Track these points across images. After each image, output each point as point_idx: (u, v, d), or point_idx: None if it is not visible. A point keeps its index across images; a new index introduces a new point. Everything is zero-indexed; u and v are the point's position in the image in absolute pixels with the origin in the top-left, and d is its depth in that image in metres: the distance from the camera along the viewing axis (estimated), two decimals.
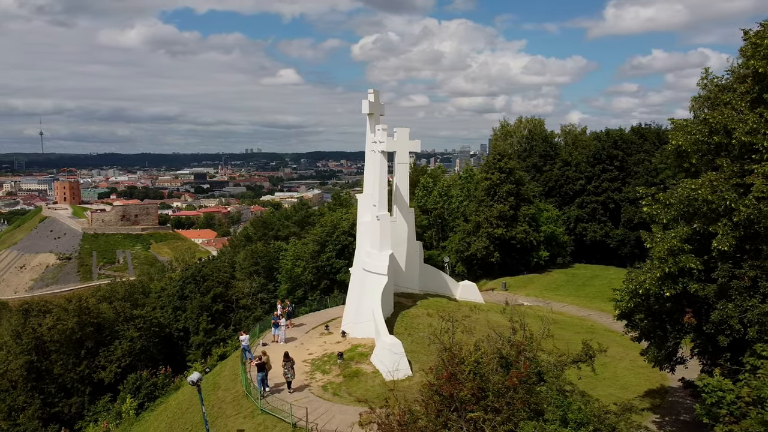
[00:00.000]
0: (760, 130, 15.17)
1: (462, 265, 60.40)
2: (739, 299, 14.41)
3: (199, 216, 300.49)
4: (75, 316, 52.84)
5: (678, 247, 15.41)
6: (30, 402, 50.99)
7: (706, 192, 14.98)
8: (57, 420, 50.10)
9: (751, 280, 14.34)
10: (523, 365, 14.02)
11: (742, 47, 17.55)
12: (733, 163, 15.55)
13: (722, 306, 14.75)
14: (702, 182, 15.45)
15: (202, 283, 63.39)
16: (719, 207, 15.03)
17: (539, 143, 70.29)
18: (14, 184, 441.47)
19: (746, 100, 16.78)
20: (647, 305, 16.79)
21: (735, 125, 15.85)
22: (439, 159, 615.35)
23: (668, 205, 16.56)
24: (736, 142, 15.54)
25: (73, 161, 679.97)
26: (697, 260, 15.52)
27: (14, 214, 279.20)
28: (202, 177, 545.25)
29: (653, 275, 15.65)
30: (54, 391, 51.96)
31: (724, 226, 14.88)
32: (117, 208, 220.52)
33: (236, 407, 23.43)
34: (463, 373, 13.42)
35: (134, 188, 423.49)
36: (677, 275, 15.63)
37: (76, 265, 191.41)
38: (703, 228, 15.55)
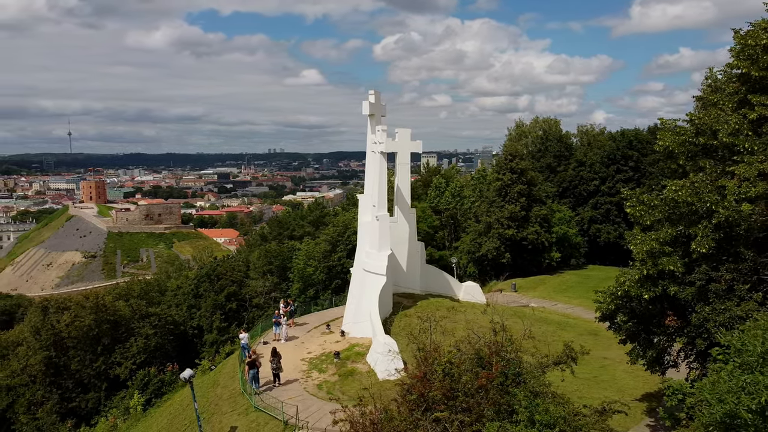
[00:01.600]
0: (743, 131, 15.01)
1: (473, 266, 60.28)
2: (717, 302, 14.29)
3: (221, 215, 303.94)
4: (92, 313, 53.99)
5: (657, 249, 15.32)
6: (48, 396, 52.24)
7: (686, 194, 14.88)
8: (74, 414, 51.21)
9: (728, 283, 14.21)
10: (495, 366, 14.08)
11: (731, 47, 17.37)
12: (717, 165, 15.41)
13: (700, 309, 14.64)
14: (683, 184, 15.34)
15: (216, 281, 64.28)
16: (701, 209, 14.92)
17: (554, 143, 69.79)
18: (43, 183, 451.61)
19: (734, 100, 16.60)
20: (630, 307, 16.71)
21: (719, 126, 15.71)
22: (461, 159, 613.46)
23: (653, 206, 16.46)
24: (718, 144, 15.41)
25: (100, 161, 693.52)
26: (679, 262, 15.41)
27: (42, 212, 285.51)
28: (226, 177, 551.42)
29: (632, 277, 15.59)
30: (71, 386, 53.15)
31: (704, 228, 14.76)
32: (141, 208, 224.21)
33: (232, 404, 23.90)
34: (435, 373, 13.56)
35: (159, 188, 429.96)
36: (657, 277, 15.54)
37: (100, 263, 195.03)
38: (685, 230, 15.44)
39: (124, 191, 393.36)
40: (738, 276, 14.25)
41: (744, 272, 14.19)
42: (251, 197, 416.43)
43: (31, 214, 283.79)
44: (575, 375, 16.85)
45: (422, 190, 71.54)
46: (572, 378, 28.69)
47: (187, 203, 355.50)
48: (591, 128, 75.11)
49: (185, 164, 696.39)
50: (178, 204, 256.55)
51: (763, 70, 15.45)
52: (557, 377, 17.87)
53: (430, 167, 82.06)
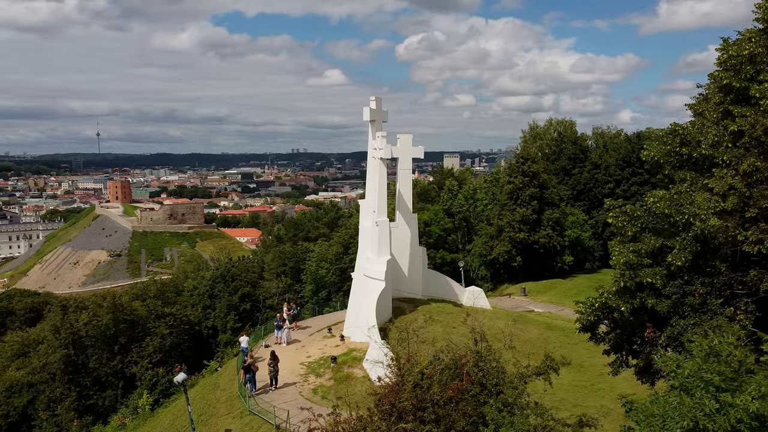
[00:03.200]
0: (723, 143, 14.88)
1: (485, 269, 60.19)
2: (692, 316, 14.20)
3: (244, 215, 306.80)
4: (109, 313, 55.10)
5: (635, 261, 15.28)
6: (67, 394, 53.45)
7: (664, 205, 14.80)
8: (92, 412, 52.34)
9: (702, 298, 14.11)
10: (465, 377, 14.21)
11: (719, 56, 17.19)
12: (698, 177, 15.30)
13: (675, 322, 14.57)
14: (663, 195, 15.27)
15: (231, 282, 65.13)
16: (680, 221, 14.83)
17: (569, 146, 69.17)
18: (72, 183, 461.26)
19: (719, 111, 16.46)
20: (612, 318, 16.68)
21: (701, 137, 15.60)
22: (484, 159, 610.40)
23: (635, 217, 16.40)
24: (698, 155, 15.30)
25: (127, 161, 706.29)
26: (659, 275, 15.33)
27: (71, 212, 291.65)
28: (249, 177, 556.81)
29: (610, 289, 15.56)
30: (89, 384, 54.28)
31: (682, 241, 14.67)
32: (165, 207, 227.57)
33: (228, 407, 24.37)
34: (407, 383, 13.73)
35: (184, 187, 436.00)
36: (635, 290, 15.49)
37: (125, 262, 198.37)
38: (665, 242, 15.37)
39: (149, 191, 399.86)
40: (712, 290, 14.14)
41: (718, 286, 14.08)
42: (274, 197, 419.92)
43: (59, 213, 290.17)
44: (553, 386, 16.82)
45: (435, 193, 71.55)
46: (569, 386, 28.70)
47: (211, 203, 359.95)
48: (607, 130, 74.27)
49: (210, 164, 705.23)
50: (201, 204, 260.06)
51: (745, 81, 15.30)
52: (555, 386, 17.83)
53: (444, 170, 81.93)
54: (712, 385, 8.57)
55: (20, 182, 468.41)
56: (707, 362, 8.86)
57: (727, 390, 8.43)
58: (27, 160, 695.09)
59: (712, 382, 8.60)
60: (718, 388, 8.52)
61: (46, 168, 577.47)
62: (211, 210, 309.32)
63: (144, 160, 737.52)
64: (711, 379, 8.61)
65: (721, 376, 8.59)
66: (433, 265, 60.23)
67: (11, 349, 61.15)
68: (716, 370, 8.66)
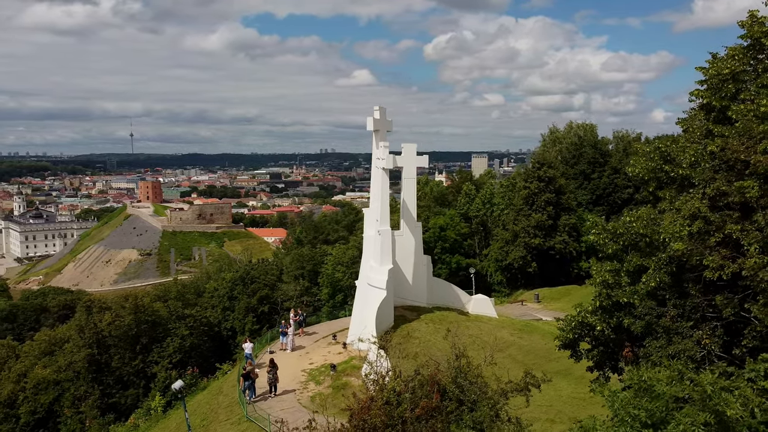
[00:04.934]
0: (701, 163, 14.82)
1: (501, 274, 60.06)
2: (665, 338, 14.20)
3: (272, 215, 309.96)
4: (131, 313, 56.55)
5: (612, 280, 15.32)
6: (91, 392, 55.01)
7: (640, 225, 14.82)
8: (114, 410, 53.81)
9: (673, 320, 14.08)
10: (435, 396, 14.47)
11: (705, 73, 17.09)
12: (677, 196, 15.27)
13: (648, 343, 14.58)
14: (640, 214, 15.28)
15: (249, 284, 66.14)
16: (657, 241, 14.82)
17: (588, 150, 68.52)
18: (106, 182, 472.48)
19: (702, 129, 16.39)
20: (593, 335, 16.72)
21: (682, 156, 15.56)
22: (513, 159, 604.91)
23: (617, 234, 16.40)
24: (675, 174, 15.28)
25: (159, 161, 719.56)
26: (639, 293, 15.33)
27: (104, 211, 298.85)
28: (278, 177, 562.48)
29: (586, 308, 15.63)
30: (112, 383, 55.73)
31: (658, 261, 14.67)
32: (194, 207, 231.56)
33: (228, 413, 25.03)
34: (378, 399, 14.05)
35: (213, 187, 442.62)
36: (612, 309, 15.53)
37: (155, 261, 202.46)
38: (642, 262, 15.38)
39: (180, 190, 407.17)
40: (683, 312, 14.11)
41: (688, 309, 14.04)
42: (302, 197, 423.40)
43: (93, 213, 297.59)
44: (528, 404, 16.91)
45: (453, 197, 71.57)
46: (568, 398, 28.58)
47: (240, 203, 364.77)
48: (626, 134, 73.28)
49: (239, 164, 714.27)
50: (229, 204, 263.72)
51: (726, 100, 15.21)
52: (553, 398, 17.91)
53: (463, 172, 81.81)
54: (639, 421, 8.68)
55: (56, 182, 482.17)
56: (638, 396, 8.97)
57: (652, 426, 8.53)
58: (63, 160, 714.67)
59: (639, 417, 8.71)
60: (644, 424, 8.63)
61: (81, 168, 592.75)
62: (239, 210, 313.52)
63: (175, 160, 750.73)
64: (638, 415, 8.73)
65: (648, 412, 8.69)
66: (449, 269, 60.37)
67: (39, 348, 63.17)
68: (644, 407, 8.76)
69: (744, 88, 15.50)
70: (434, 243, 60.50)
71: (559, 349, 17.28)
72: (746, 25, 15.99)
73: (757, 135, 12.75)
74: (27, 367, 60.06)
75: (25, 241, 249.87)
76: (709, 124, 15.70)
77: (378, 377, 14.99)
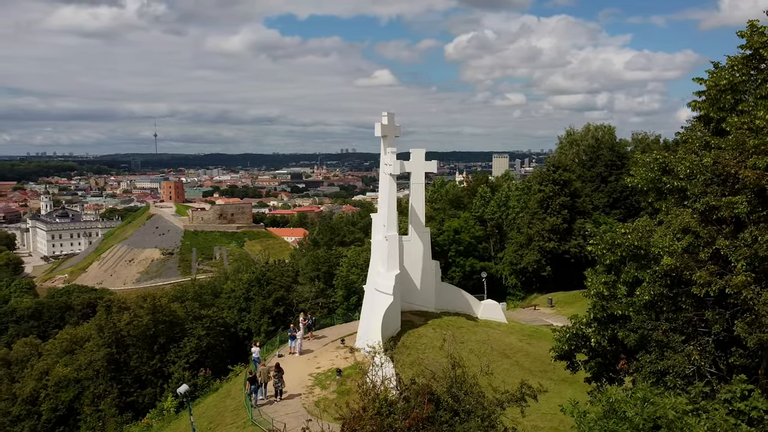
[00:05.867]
0: (696, 175, 14.70)
1: (515, 278, 59.76)
2: (657, 352, 14.11)
3: (293, 215, 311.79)
4: (149, 314, 57.45)
5: (607, 293, 15.25)
6: (110, 391, 56.04)
7: (634, 237, 14.75)
8: (132, 408, 54.76)
9: (665, 334, 13.98)
10: (426, 407, 14.57)
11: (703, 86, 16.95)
12: (674, 207, 15.16)
13: (641, 356, 14.50)
14: (635, 226, 15.21)
15: (265, 286, 66.72)
16: (652, 253, 14.74)
17: (605, 152, 67.79)
18: (130, 182, 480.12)
19: (701, 140, 16.25)
20: (590, 347, 16.67)
21: (678, 167, 15.45)
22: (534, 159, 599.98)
23: (615, 245, 16.34)
24: (671, 186, 15.18)
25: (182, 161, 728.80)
26: (636, 305, 15.25)
27: (128, 210, 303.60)
28: (299, 177, 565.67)
29: (581, 320, 15.59)
30: (130, 382, 56.64)
31: (653, 274, 14.59)
32: (215, 207, 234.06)
33: (234, 417, 25.40)
34: (371, 410, 14.22)
35: (235, 187, 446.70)
36: (607, 321, 15.48)
37: (177, 260, 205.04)
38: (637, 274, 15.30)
39: (202, 190, 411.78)
40: (676, 326, 14.00)
41: (681, 323, 13.93)
42: (322, 197, 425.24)
43: (117, 212, 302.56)
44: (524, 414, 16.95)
45: (468, 200, 71.38)
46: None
47: (261, 202, 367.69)
48: (645, 136, 72.28)
49: (261, 164, 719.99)
50: (250, 204, 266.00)
51: (723, 111, 15.05)
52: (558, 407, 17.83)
53: (479, 175, 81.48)
54: None
55: (82, 182, 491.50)
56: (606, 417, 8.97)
57: None
58: (89, 160, 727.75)
59: None
60: None
61: (106, 168, 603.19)
62: (260, 210, 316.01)
63: (198, 160, 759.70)
64: None
65: None
66: (462, 272, 60.25)
67: (60, 346, 64.48)
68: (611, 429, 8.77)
69: (743, 99, 15.34)
70: (448, 246, 60.43)
71: (555, 360, 17.24)
72: (746, 35, 15.81)
73: (749, 148, 12.62)
74: (49, 365, 61.39)
75: (51, 239, 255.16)
76: (706, 135, 15.57)
77: (371, 387, 15.15)
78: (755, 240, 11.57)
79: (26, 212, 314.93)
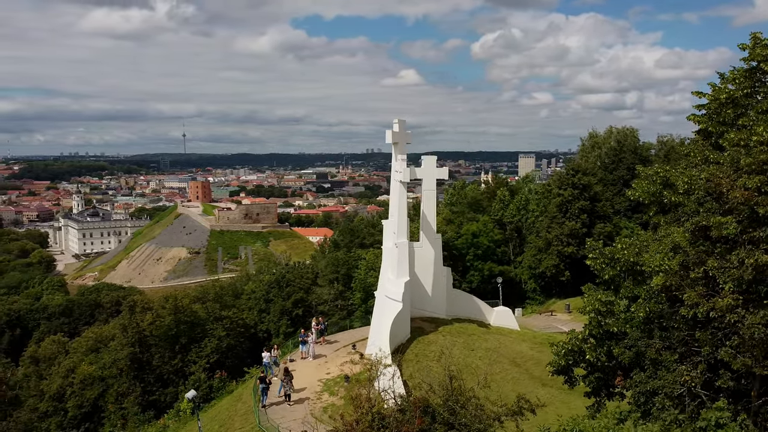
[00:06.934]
0: (695, 191, 14.51)
1: (534, 282, 59.34)
2: (651, 370, 13.98)
3: (318, 215, 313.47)
4: (171, 314, 58.50)
5: (603, 309, 15.16)
6: (132, 389, 57.25)
7: (631, 253, 14.65)
8: (154, 407, 55.82)
9: (657, 352, 13.84)
10: (418, 421, 14.69)
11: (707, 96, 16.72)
12: (666, 224, 15.02)
13: (635, 374, 14.38)
14: (632, 241, 15.10)
15: (285, 287, 67.36)
16: (649, 270, 14.61)
17: (628, 155, 66.80)
18: (159, 182, 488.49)
19: (702, 154, 16.04)
20: (588, 362, 16.58)
21: (678, 181, 15.28)
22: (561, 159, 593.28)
23: (614, 259, 16.24)
24: (668, 201, 15.03)
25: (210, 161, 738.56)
26: (634, 322, 15.14)
27: (157, 210, 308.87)
28: (324, 176, 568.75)
29: (577, 336, 15.51)
30: (153, 381, 57.74)
31: (648, 291, 14.47)
32: (241, 207, 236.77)
33: (243, 421, 25.82)
34: (364, 423, 14.41)
35: (261, 187, 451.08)
36: (602, 337, 15.38)
37: (203, 259, 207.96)
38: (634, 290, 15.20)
39: (229, 190, 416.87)
40: (670, 345, 13.84)
41: (674, 342, 13.76)
42: (347, 197, 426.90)
43: (146, 211, 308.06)
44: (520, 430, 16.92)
45: (487, 203, 71.05)
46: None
47: (287, 202, 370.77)
48: (670, 138, 70.92)
49: (287, 164, 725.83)
50: (275, 204, 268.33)
51: (723, 126, 14.84)
52: (565, 418, 17.79)
53: (498, 178, 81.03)
54: None
55: (113, 181, 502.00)
56: None
57: None
58: (120, 160, 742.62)
59: None
60: None
61: (136, 168, 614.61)
62: (285, 209, 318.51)
63: (225, 160, 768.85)
64: None
65: None
66: (481, 276, 60.02)
67: (86, 345, 66.01)
68: None
69: (744, 114, 15.09)
70: (467, 249, 60.25)
71: (552, 375, 17.19)
72: (748, 48, 15.54)
73: (743, 167, 12.45)
74: (75, 363, 62.92)
75: (82, 238, 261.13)
76: (706, 150, 15.37)
77: (365, 399, 15.33)
78: (742, 262, 11.41)
79: (59, 211, 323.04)
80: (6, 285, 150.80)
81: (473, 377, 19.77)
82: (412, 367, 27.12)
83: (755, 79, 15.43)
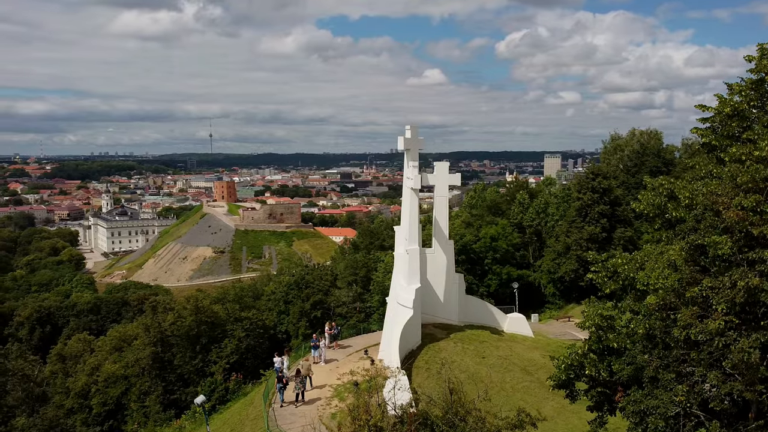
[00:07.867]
0: (696, 206, 14.30)
1: (553, 287, 58.78)
2: (649, 387, 13.81)
3: (341, 215, 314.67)
4: (192, 314, 59.44)
5: (604, 324, 15.03)
6: (154, 388, 58.34)
7: (631, 269, 14.51)
8: (175, 406, 56.78)
9: (655, 370, 13.65)
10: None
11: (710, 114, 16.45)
12: (662, 242, 14.83)
13: (632, 392, 14.22)
14: (633, 256, 14.95)
15: (304, 289, 67.85)
16: (652, 286, 14.44)
17: (651, 158, 65.76)
18: (186, 181, 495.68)
19: (707, 166, 15.80)
20: (590, 376, 16.44)
21: (680, 195, 15.09)
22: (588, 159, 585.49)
23: (616, 274, 16.09)
24: (670, 216, 14.85)
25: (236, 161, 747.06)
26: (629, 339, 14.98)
27: (183, 209, 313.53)
28: (348, 176, 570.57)
29: (577, 351, 15.41)
30: (174, 380, 58.78)
31: (647, 307, 14.30)
32: (265, 207, 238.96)
33: (253, 426, 26.15)
34: None
35: (286, 187, 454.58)
36: (602, 352, 15.25)
37: (228, 259, 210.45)
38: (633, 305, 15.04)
39: (254, 190, 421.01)
40: (668, 363, 13.64)
41: (672, 360, 13.56)
42: (371, 197, 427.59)
43: (173, 211, 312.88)
44: None
45: (506, 206, 70.60)
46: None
47: (311, 202, 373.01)
48: (695, 141, 69.57)
49: (312, 164, 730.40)
50: (299, 204, 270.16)
51: (727, 139, 14.59)
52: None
53: (519, 180, 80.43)
54: None
55: (141, 181, 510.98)
56: None
57: None
58: (148, 160, 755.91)
59: None
60: None
61: (164, 167, 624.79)
62: (309, 209, 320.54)
63: (251, 160, 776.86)
64: None
65: None
66: (499, 280, 59.67)
67: (110, 344, 67.46)
68: None
69: (750, 127, 14.81)
70: (485, 253, 59.96)
71: (553, 389, 17.11)
72: (755, 59, 15.24)
73: (741, 184, 12.24)
74: (100, 361, 64.39)
75: (111, 236, 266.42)
76: (710, 163, 15.14)
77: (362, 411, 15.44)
78: (734, 284, 11.21)
79: (89, 210, 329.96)
80: (37, 282, 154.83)
81: (482, 386, 19.74)
82: (422, 375, 27.17)
83: (761, 92, 15.14)
